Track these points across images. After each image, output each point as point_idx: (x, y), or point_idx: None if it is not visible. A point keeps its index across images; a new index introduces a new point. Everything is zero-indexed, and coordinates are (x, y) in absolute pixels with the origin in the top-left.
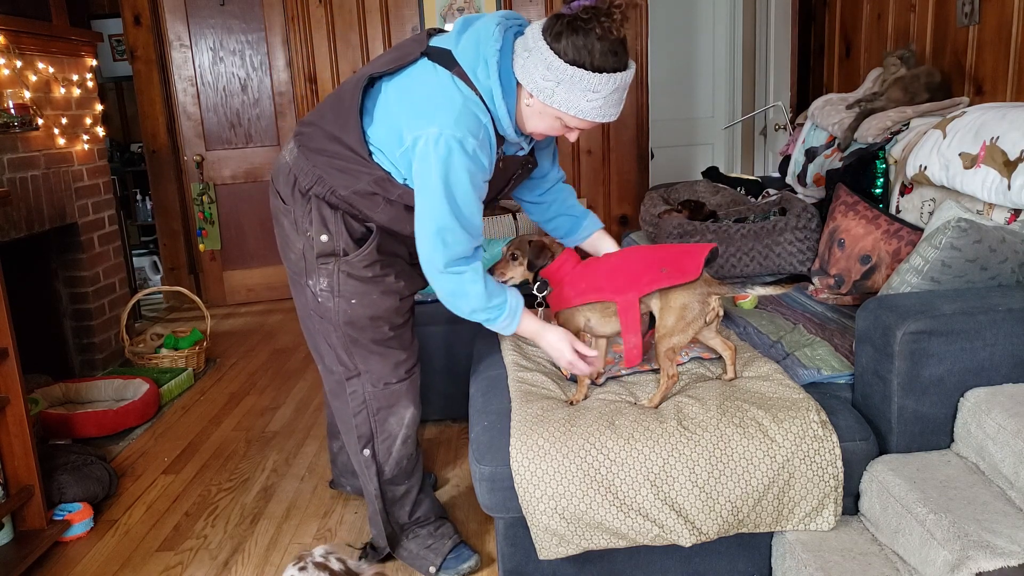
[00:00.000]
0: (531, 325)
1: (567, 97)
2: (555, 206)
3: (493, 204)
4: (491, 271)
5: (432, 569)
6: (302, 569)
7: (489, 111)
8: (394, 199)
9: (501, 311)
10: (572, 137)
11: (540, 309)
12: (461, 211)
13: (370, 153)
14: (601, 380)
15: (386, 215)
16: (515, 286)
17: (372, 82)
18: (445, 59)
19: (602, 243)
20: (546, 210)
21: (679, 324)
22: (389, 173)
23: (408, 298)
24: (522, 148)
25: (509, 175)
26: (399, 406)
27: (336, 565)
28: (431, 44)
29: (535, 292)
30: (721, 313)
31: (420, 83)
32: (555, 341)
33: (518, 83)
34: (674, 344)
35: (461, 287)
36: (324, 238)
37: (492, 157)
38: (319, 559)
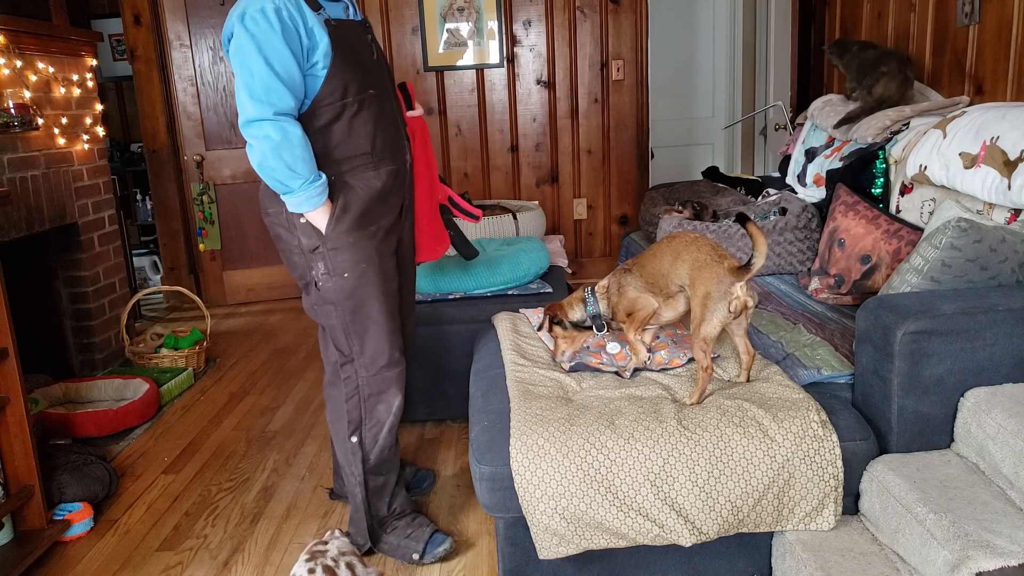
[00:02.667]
0: (324, 208)
1: None
2: None
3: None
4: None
5: (415, 556)
6: (311, 572)
7: None
8: (320, 125)
9: (320, 178)
10: None
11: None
12: (275, 67)
13: None
14: (627, 374)
15: (329, 144)
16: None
17: None
18: None
19: None
20: None
21: (704, 313)
22: None
23: (391, 262)
24: (348, 7)
25: (359, 41)
26: (388, 393)
27: (344, 573)
28: None
29: (597, 333)
30: (750, 303)
31: None
32: (322, 212)
33: None
34: (704, 335)
35: (289, 138)
36: (302, 220)
37: (306, 17)
38: (330, 562)
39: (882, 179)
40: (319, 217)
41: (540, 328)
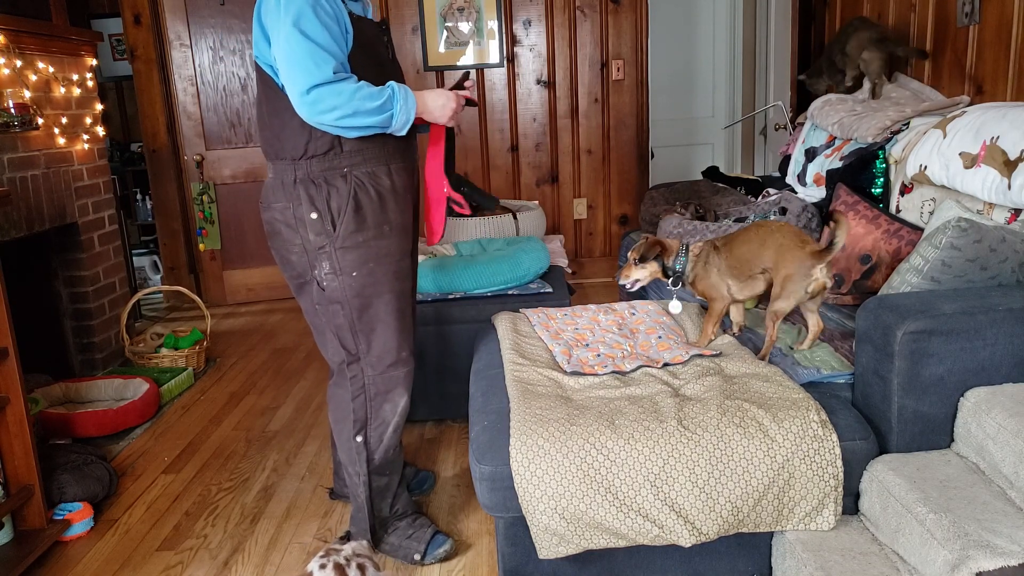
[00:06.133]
0: (416, 94)
1: None
2: None
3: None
4: (619, 275)
5: (417, 556)
6: (323, 567)
7: None
8: None
9: (387, 90)
10: None
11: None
12: (317, 40)
13: (281, 87)
14: (686, 355)
15: (342, 137)
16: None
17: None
18: None
19: None
20: None
21: (782, 292)
22: None
23: (404, 261)
24: (367, 6)
25: (377, 39)
26: (395, 393)
27: (353, 573)
28: None
29: (671, 287)
30: (829, 283)
31: None
32: (440, 97)
33: None
34: (777, 309)
35: (352, 87)
36: (314, 216)
37: (339, 4)
38: (342, 560)
39: (882, 179)
40: (432, 108)
41: (640, 259)
